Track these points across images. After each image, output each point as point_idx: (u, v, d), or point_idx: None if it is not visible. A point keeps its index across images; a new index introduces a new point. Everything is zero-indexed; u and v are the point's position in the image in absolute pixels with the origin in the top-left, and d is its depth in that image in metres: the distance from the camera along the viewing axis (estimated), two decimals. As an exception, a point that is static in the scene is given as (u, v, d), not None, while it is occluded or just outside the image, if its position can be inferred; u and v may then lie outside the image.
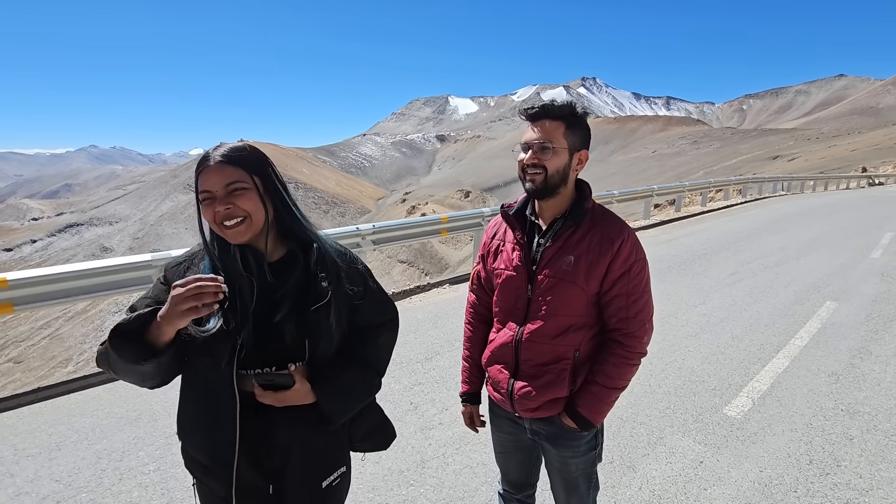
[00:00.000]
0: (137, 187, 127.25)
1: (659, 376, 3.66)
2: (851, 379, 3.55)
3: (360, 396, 1.29)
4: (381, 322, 1.35)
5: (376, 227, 6.56)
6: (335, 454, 1.30)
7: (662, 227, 11.47)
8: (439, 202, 69.54)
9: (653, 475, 2.55)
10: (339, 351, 1.25)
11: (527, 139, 1.36)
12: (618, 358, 1.38)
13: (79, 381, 3.87)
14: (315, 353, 1.19)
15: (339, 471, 1.30)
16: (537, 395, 1.42)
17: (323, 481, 1.26)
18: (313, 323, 1.17)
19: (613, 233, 1.37)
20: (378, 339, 1.33)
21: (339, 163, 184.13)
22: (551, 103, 1.35)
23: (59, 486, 2.57)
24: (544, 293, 1.38)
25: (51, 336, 32.20)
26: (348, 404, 1.25)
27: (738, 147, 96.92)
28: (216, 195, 1.09)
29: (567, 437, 1.47)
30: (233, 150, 1.12)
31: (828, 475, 2.52)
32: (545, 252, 1.39)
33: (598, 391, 1.38)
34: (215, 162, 1.09)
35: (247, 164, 1.12)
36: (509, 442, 1.63)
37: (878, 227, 10.43)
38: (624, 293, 1.36)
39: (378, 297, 1.34)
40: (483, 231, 1.70)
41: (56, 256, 72.90)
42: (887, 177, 30.59)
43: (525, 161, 1.35)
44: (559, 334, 1.38)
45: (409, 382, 3.66)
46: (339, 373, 1.22)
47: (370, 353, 1.31)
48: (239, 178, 1.10)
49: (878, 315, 4.86)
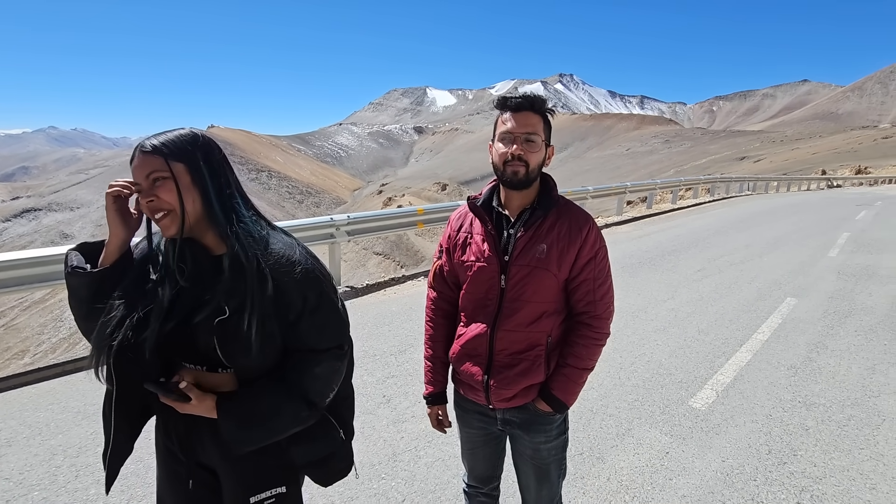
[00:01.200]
0: (101, 172, 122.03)
1: (628, 369, 3.73)
2: (808, 372, 3.71)
3: (274, 428, 1.09)
4: (321, 348, 1.13)
5: (351, 217, 6.47)
6: (268, 472, 1.16)
7: (634, 224, 11.72)
8: (416, 194, 69.23)
9: (621, 466, 2.60)
10: (273, 367, 1.12)
11: (510, 130, 1.33)
12: (587, 339, 1.44)
13: (32, 373, 3.68)
14: (237, 365, 1.09)
15: (274, 490, 1.16)
16: (513, 383, 1.43)
17: (251, 497, 1.14)
18: (224, 334, 1.05)
19: (580, 221, 1.42)
20: (315, 368, 1.12)
21: (314, 152, 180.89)
22: (536, 96, 1.35)
23: (8, 485, 2.44)
24: (519, 282, 1.39)
25: (6, 326, 30.70)
26: (255, 434, 1.08)
27: (708, 147, 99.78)
28: (143, 188, 1.03)
29: (540, 423, 1.50)
30: (157, 137, 1.04)
31: (785, 464, 2.62)
32: (517, 241, 1.39)
33: (570, 373, 1.43)
34: (139, 152, 1.03)
35: (171, 151, 1.03)
36: (478, 437, 1.62)
37: (836, 227, 10.92)
38: (591, 277, 1.42)
39: (322, 318, 1.13)
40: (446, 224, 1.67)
41: (12, 243, 69.37)
42: (844, 179, 32.09)
43: (511, 153, 1.33)
44: (533, 321, 1.41)
45: (382, 375, 3.62)
46: (248, 397, 1.08)
47: (304, 381, 1.11)
48: (157, 167, 1.02)
49: (834, 311, 5.09)
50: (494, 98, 1.42)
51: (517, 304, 1.40)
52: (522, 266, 1.38)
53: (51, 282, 4.30)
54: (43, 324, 30.74)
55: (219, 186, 1.08)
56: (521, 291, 1.39)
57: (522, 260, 1.38)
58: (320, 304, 1.12)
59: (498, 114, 1.40)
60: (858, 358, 3.95)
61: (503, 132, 1.35)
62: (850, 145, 64.18)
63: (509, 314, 1.41)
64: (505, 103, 1.36)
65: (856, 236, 9.64)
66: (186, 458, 1.19)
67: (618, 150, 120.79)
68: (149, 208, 1.03)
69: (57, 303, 31.72)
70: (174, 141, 1.04)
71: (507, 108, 1.36)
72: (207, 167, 1.06)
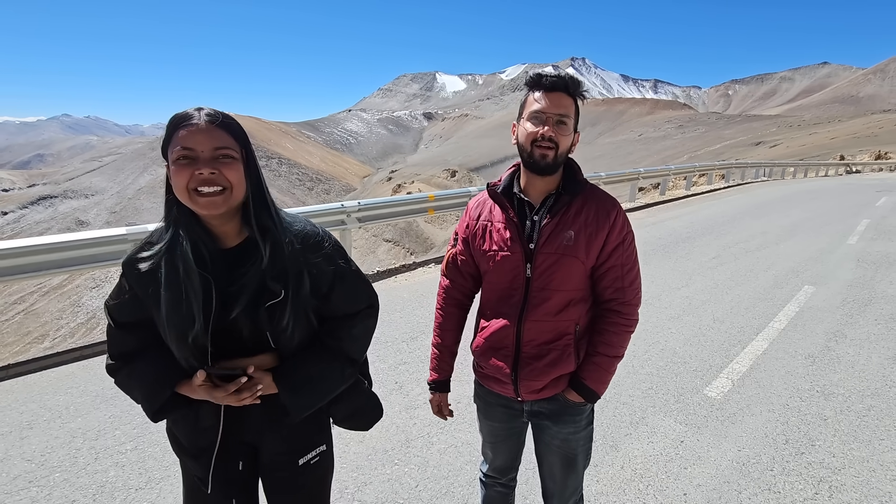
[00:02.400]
0: (114, 159, 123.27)
1: (642, 357, 3.70)
2: (827, 361, 3.64)
3: (326, 390, 1.20)
4: (355, 311, 1.23)
5: (362, 204, 6.45)
6: (312, 434, 1.27)
7: (647, 210, 11.56)
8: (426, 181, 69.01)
9: (635, 454, 2.58)
10: (308, 341, 1.19)
11: (543, 109, 1.27)
12: (618, 327, 1.40)
13: (52, 357, 3.75)
14: (279, 344, 1.14)
15: (318, 449, 1.28)
16: (543, 374, 1.39)
17: (300, 459, 1.25)
18: (269, 319, 1.10)
19: (608, 206, 1.37)
20: (352, 330, 1.22)
21: (323, 138, 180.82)
22: (571, 77, 1.29)
23: (31, 466, 2.49)
24: (546, 270, 1.34)
25: (25, 311, 31.42)
26: (310, 399, 1.17)
27: (723, 132, 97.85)
28: (200, 156, 0.98)
29: (570, 413, 1.47)
30: (222, 114, 1.02)
31: (803, 454, 2.58)
32: (543, 228, 1.34)
33: (601, 361, 1.40)
34: (205, 121, 0.99)
35: (237, 132, 1.04)
36: (502, 430, 1.59)
37: (855, 214, 10.66)
38: (619, 264, 1.37)
39: (351, 283, 1.21)
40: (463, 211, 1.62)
41: (29, 230, 70.68)
42: (864, 165, 31.28)
43: (541, 133, 1.26)
44: (561, 310, 1.37)
45: (393, 362, 3.63)
46: (300, 367, 1.15)
47: (343, 344, 1.21)
48: (230, 144, 1.01)
49: (854, 300, 4.98)
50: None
51: (545, 294, 1.35)
52: (549, 254, 1.33)
53: (68, 267, 4.37)
54: (61, 309, 31.42)
55: (262, 176, 1.11)
56: (548, 280, 1.35)
57: (549, 248, 1.33)
58: (346, 271, 1.20)
59: (526, 92, 1.33)
60: (878, 347, 3.87)
61: (534, 111, 1.28)
62: (870, 130, 62.47)
63: (537, 304, 1.36)
64: (539, 81, 1.28)
65: (876, 223, 9.41)
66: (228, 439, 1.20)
67: (630, 135, 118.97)
68: (204, 180, 0.98)
69: (74, 288, 32.37)
70: (238, 126, 1.05)
71: (540, 87, 1.28)
72: (254, 157, 1.10)
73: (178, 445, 1.23)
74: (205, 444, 1.17)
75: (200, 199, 0.99)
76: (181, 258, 1.04)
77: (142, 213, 71.79)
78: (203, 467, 1.18)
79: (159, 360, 1.11)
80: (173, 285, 1.04)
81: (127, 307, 1.11)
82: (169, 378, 1.10)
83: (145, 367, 1.12)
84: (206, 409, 1.15)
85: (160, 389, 1.10)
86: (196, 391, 1.08)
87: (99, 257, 4.46)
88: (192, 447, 1.19)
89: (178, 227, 1.05)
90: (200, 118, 0.99)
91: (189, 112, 1.00)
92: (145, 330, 1.12)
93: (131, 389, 1.16)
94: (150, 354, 1.12)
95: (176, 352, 1.09)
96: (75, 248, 4.31)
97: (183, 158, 0.98)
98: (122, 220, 68.64)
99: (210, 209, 1.01)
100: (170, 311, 1.05)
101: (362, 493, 2.30)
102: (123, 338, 1.14)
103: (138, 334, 1.13)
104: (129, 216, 71.13)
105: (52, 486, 2.35)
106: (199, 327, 1.05)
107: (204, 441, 1.17)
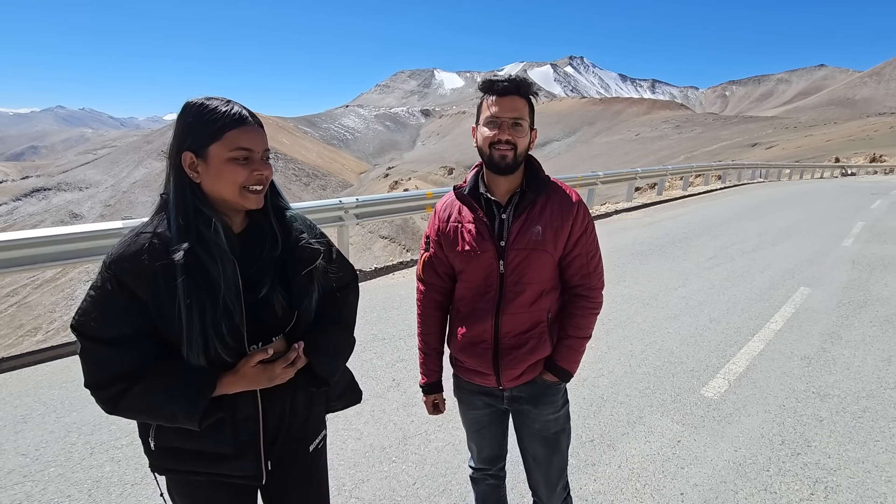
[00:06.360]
0: (109, 152, 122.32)
1: (639, 357, 3.71)
2: (822, 363, 3.66)
3: (346, 354, 1.31)
4: (347, 282, 1.35)
5: (360, 200, 6.43)
6: (318, 418, 1.33)
7: (644, 210, 11.59)
8: (422, 178, 68.89)
9: (632, 454, 2.59)
10: (317, 314, 1.25)
11: (497, 114, 1.33)
12: (586, 310, 1.51)
13: (46, 351, 3.73)
14: (300, 320, 1.19)
15: (322, 433, 1.35)
16: (522, 361, 1.47)
17: (310, 445, 1.29)
18: (301, 289, 1.17)
19: (569, 199, 1.45)
20: (349, 298, 1.34)
21: (320, 134, 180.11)
22: (521, 79, 1.35)
23: (25, 461, 2.47)
24: (518, 265, 1.41)
25: (18, 304, 31.20)
26: (338, 364, 1.27)
27: (719, 133, 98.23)
28: (255, 156, 1.05)
29: (548, 394, 1.55)
30: (253, 115, 1.08)
31: (798, 455, 2.60)
32: (512, 226, 1.40)
33: (572, 343, 1.51)
34: (255, 123, 1.06)
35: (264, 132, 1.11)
36: (484, 416, 1.64)
37: (850, 216, 10.73)
38: (583, 252, 1.47)
39: (340, 257, 1.34)
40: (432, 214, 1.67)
41: (22, 222, 70.10)
42: (859, 167, 31.49)
43: (498, 137, 1.33)
44: (534, 301, 1.45)
45: (391, 359, 3.62)
46: (324, 335, 1.23)
47: (343, 314, 1.32)
48: (267, 145, 1.09)
49: (849, 301, 5.02)
50: (481, 80, 1.41)
51: (519, 287, 1.43)
52: (520, 250, 1.40)
53: (62, 261, 4.33)
54: (55, 302, 31.20)
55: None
56: (521, 274, 1.42)
57: (519, 244, 1.40)
58: (332, 246, 1.30)
59: (481, 97, 1.39)
60: (873, 349, 3.90)
61: (490, 116, 1.34)
62: (865, 132, 62.86)
63: (512, 298, 1.43)
64: (491, 87, 1.35)
65: (871, 226, 9.47)
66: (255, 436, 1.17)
67: (627, 135, 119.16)
68: (258, 179, 1.06)
69: (68, 281, 32.15)
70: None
71: (493, 92, 1.34)
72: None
73: (207, 460, 1.13)
74: (247, 438, 1.14)
75: (252, 195, 1.06)
76: (214, 245, 1.03)
77: (136, 207, 71.29)
78: (251, 463, 1.15)
79: (174, 363, 1.05)
80: (202, 273, 1.02)
81: (117, 315, 0.99)
82: (205, 375, 1.04)
83: (168, 374, 1.03)
84: (244, 398, 1.13)
85: (201, 391, 1.03)
86: (245, 376, 1.07)
87: (93, 251, 4.43)
88: (233, 448, 1.13)
89: (198, 216, 1.03)
90: (252, 120, 1.05)
91: (240, 112, 1.04)
92: (140, 338, 1.02)
93: (153, 407, 1.03)
94: (163, 363, 1.04)
95: (200, 348, 1.03)
96: (71, 242, 4.27)
97: (242, 158, 1.03)
98: (116, 214, 68.09)
99: (258, 204, 1.09)
100: (202, 301, 1.01)
101: (360, 490, 2.30)
102: (118, 355, 1.00)
103: (135, 345, 1.02)
104: (124, 209, 70.64)
105: (47, 480, 2.33)
106: (237, 311, 1.06)
107: (245, 434, 1.14)
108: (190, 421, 1.03)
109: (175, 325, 1.01)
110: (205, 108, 1.02)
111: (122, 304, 0.99)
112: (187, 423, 1.03)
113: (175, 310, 1.00)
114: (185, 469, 1.15)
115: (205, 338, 1.02)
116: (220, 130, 1.01)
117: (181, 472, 1.16)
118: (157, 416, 1.04)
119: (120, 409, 1.03)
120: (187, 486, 1.19)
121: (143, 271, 0.99)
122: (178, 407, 1.02)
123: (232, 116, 1.02)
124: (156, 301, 1.00)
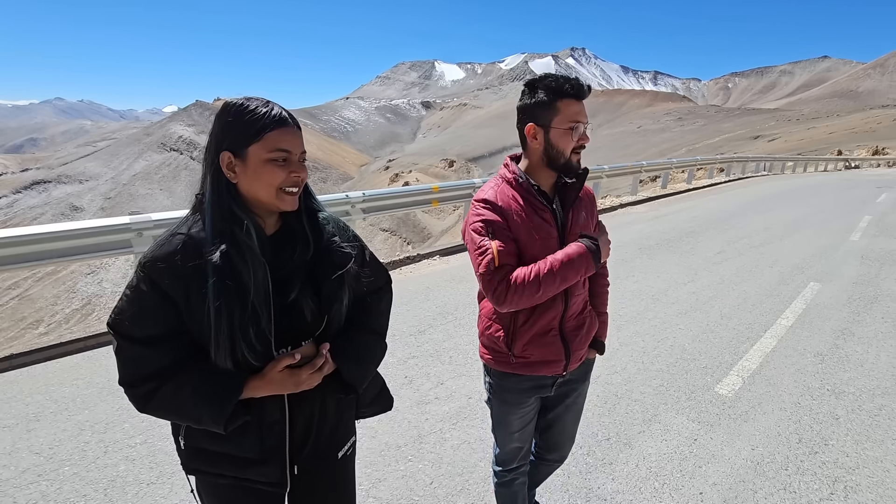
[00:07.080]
0: (108, 144, 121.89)
1: (651, 353, 3.69)
2: (836, 359, 3.64)
3: (375, 361, 1.28)
4: (379, 286, 1.32)
5: (367, 195, 6.38)
6: (347, 424, 1.31)
7: (649, 204, 11.53)
8: (423, 171, 68.64)
9: (649, 452, 2.57)
10: (348, 319, 1.22)
11: (581, 120, 1.39)
12: (605, 287, 1.73)
13: (56, 347, 3.70)
14: (330, 325, 1.17)
15: (351, 440, 1.33)
16: (584, 340, 1.61)
17: (339, 452, 1.28)
18: (331, 294, 1.15)
19: (588, 187, 1.59)
20: (380, 304, 1.31)
21: (320, 126, 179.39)
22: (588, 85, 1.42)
23: (39, 459, 2.46)
24: None
25: (20, 297, 31.26)
26: (367, 371, 1.25)
27: (722, 125, 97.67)
28: (293, 158, 1.04)
29: (588, 369, 1.73)
30: (295, 118, 1.07)
31: (816, 454, 2.58)
32: (568, 213, 1.50)
33: (605, 318, 1.73)
34: (294, 124, 1.05)
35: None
36: (532, 412, 1.69)
37: (856, 209, 10.67)
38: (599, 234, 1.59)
39: (374, 260, 1.32)
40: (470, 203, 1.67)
41: (22, 215, 70.05)
42: (862, 160, 31.34)
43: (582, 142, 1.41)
44: (584, 282, 1.59)
45: (402, 356, 3.60)
46: (354, 341, 1.21)
47: (374, 320, 1.28)
48: (304, 147, 1.08)
49: (860, 297, 4.99)
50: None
51: None
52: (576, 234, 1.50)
53: (68, 257, 4.30)
54: (56, 294, 31.25)
55: None
56: None
57: (576, 229, 1.50)
58: (367, 250, 1.29)
59: (550, 98, 1.38)
60: (886, 346, 3.87)
61: (574, 122, 1.38)
62: (868, 125, 62.49)
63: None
64: (572, 91, 1.37)
65: (878, 219, 9.42)
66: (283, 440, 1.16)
67: (629, 127, 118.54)
68: (294, 181, 1.05)
69: (69, 274, 32.17)
70: None
71: (571, 96, 1.38)
72: None
73: (233, 464, 1.13)
74: (273, 443, 1.13)
75: (288, 197, 1.05)
76: (246, 247, 1.02)
77: (136, 200, 71.15)
78: (276, 469, 1.14)
79: (203, 365, 1.05)
80: (233, 276, 1.00)
81: (151, 315, 1.00)
82: (232, 378, 1.04)
83: (196, 376, 1.03)
84: (271, 403, 1.11)
85: (227, 394, 1.03)
86: (272, 381, 1.06)
87: (100, 247, 4.40)
88: (258, 453, 1.13)
89: (233, 217, 1.02)
90: (290, 121, 1.03)
91: (280, 112, 1.02)
92: (172, 338, 1.03)
93: (180, 408, 1.04)
94: (193, 365, 1.04)
95: (227, 350, 1.02)
96: (75, 238, 4.24)
97: (281, 160, 1.02)
98: (116, 206, 67.90)
99: (293, 206, 1.07)
100: (230, 304, 1.00)
101: (377, 489, 2.28)
102: (151, 354, 1.01)
103: (167, 345, 1.02)
104: (124, 202, 70.47)
105: (62, 479, 2.32)
106: (265, 315, 1.04)
107: (271, 439, 1.13)
108: (216, 424, 1.03)
109: (205, 326, 1.01)
110: (245, 109, 1.00)
111: (156, 305, 1.00)
112: (213, 425, 1.03)
113: (205, 311, 1.00)
114: (212, 471, 1.15)
115: (232, 341, 1.02)
116: (260, 131, 0.99)
117: (208, 473, 1.16)
118: (184, 417, 1.05)
119: (150, 408, 1.04)
120: (215, 487, 1.19)
121: (176, 272, 0.99)
122: (204, 409, 1.02)
123: (273, 118, 1.00)
124: (187, 302, 1.00)
